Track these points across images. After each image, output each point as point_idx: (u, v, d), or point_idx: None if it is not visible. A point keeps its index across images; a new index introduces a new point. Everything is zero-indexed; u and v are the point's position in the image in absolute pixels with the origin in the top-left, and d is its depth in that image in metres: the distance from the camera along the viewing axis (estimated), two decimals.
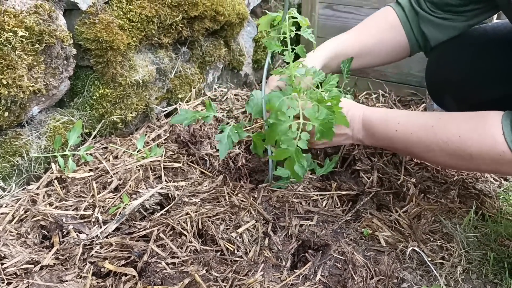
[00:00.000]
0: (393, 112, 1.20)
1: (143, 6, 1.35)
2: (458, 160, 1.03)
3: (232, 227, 1.07)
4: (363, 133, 1.19)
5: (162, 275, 0.94)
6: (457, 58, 1.35)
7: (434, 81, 1.44)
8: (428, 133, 1.05)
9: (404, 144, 1.11)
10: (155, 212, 1.13)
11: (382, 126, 1.14)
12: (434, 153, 1.06)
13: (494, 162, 0.97)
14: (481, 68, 1.29)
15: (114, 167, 1.26)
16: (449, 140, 1.01)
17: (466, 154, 1.00)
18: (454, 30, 1.32)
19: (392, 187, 1.29)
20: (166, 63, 1.51)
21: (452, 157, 1.03)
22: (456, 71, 1.35)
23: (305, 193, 1.20)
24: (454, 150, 1.01)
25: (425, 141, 1.06)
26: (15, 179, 1.18)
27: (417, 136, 1.07)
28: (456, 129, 1.01)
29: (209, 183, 1.26)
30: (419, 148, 1.08)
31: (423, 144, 1.07)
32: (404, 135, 1.10)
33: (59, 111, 1.30)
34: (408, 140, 1.10)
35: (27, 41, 1.09)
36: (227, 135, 1.15)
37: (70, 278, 0.93)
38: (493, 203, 1.29)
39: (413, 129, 1.08)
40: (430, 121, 1.07)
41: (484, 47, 1.32)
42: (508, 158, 0.94)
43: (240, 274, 0.96)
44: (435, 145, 1.04)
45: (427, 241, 1.11)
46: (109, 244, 1.01)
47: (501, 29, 1.32)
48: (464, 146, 0.99)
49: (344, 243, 1.05)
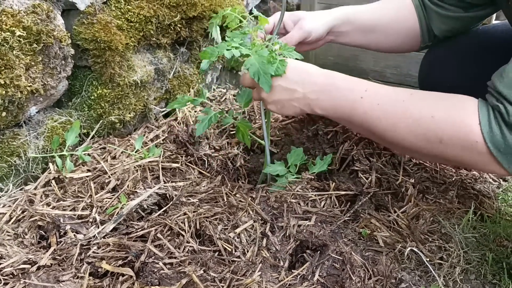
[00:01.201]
0: (360, 79, 1.05)
1: (142, 6, 1.35)
2: (425, 142, 0.95)
3: (230, 228, 1.07)
4: (318, 95, 1.04)
5: (159, 275, 0.94)
6: (449, 62, 1.35)
7: (426, 85, 1.44)
8: (397, 108, 0.96)
9: (366, 117, 0.99)
10: (153, 212, 1.13)
11: (345, 90, 1.02)
12: (398, 132, 0.97)
13: (463, 150, 0.92)
14: (472, 72, 1.29)
15: (112, 168, 1.26)
16: (420, 118, 0.93)
17: (435, 137, 0.93)
18: (456, 21, 1.28)
19: (391, 188, 1.29)
20: (165, 64, 1.51)
21: (419, 138, 0.95)
22: (448, 76, 1.34)
23: (303, 193, 1.19)
24: (423, 131, 0.94)
25: (392, 116, 0.96)
26: (13, 179, 1.18)
27: (384, 109, 0.97)
28: (429, 108, 0.94)
29: (207, 183, 1.26)
30: (383, 124, 0.97)
31: (389, 119, 0.97)
32: (369, 105, 0.98)
33: (57, 111, 1.29)
34: (372, 112, 0.98)
35: (25, 41, 1.09)
36: (208, 118, 1.16)
37: (67, 278, 0.93)
38: (492, 204, 1.28)
39: (381, 100, 0.98)
40: (402, 95, 0.98)
41: (475, 51, 1.31)
42: (480, 148, 0.89)
43: (238, 274, 0.96)
44: (403, 123, 0.95)
45: (425, 241, 1.11)
46: (107, 244, 1.01)
47: (492, 32, 1.32)
48: (437, 128, 0.92)
49: (342, 243, 1.04)
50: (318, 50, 2.13)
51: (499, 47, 1.25)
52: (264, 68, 1.01)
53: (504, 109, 0.87)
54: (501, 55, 1.25)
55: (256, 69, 1.01)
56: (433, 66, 1.39)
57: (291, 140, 1.49)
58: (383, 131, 0.99)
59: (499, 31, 1.31)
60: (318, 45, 1.38)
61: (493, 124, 0.88)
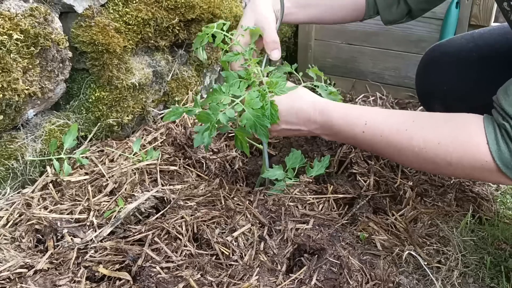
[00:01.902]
0: (357, 110, 1.04)
1: (140, 9, 1.35)
2: (434, 165, 0.96)
3: (227, 231, 1.07)
4: (322, 131, 1.07)
5: (156, 279, 0.93)
6: (445, 66, 1.34)
7: (422, 89, 1.44)
8: (402, 137, 0.96)
9: (372, 146, 1.02)
10: (150, 216, 1.13)
11: (345, 127, 1.03)
12: (406, 157, 0.98)
13: (473, 170, 0.92)
14: (468, 75, 1.29)
15: (109, 171, 1.25)
16: (426, 146, 0.93)
17: (444, 161, 0.93)
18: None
19: (389, 191, 1.29)
20: (163, 66, 1.51)
21: (428, 162, 0.95)
22: (444, 79, 1.34)
23: (301, 196, 1.19)
24: (431, 157, 0.94)
25: (397, 145, 0.97)
26: (10, 183, 1.17)
27: (388, 140, 0.98)
28: (434, 134, 0.93)
29: (205, 186, 1.26)
30: (390, 151, 0.99)
31: (394, 148, 0.98)
32: (372, 138, 0.99)
33: (54, 114, 1.29)
34: (377, 143, 1.00)
35: (22, 44, 1.08)
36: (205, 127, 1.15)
37: (63, 282, 0.93)
38: (490, 207, 1.28)
39: (383, 132, 0.98)
40: (403, 123, 0.97)
41: (471, 54, 1.31)
42: (490, 167, 0.89)
43: (235, 278, 0.96)
44: (409, 151, 0.96)
45: (423, 244, 1.10)
46: (104, 248, 1.00)
47: (488, 36, 1.32)
48: (444, 153, 0.92)
49: (340, 247, 1.04)
50: (316, 52, 2.14)
51: (495, 51, 1.25)
52: (260, 120, 1.03)
53: (510, 127, 0.87)
54: (497, 59, 1.25)
55: (252, 123, 1.03)
56: (429, 70, 1.39)
57: (290, 142, 1.49)
58: (390, 156, 1.03)
59: (495, 34, 1.31)
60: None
61: (501, 142, 0.87)
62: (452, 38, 1.41)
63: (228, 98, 1.04)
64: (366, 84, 2.07)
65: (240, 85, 1.07)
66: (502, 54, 1.26)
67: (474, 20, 1.81)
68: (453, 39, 1.39)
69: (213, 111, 1.03)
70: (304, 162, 1.29)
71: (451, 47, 1.35)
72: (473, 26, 1.80)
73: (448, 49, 1.36)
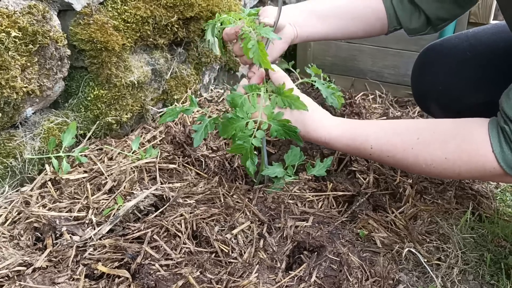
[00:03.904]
0: (361, 131, 1.05)
1: (138, 6, 1.35)
2: (443, 175, 1.01)
3: (227, 229, 1.07)
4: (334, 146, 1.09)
5: (155, 277, 0.93)
6: (440, 65, 1.34)
7: (418, 89, 1.43)
8: (408, 156, 0.98)
9: (381, 162, 1.10)
10: (150, 214, 1.12)
11: (353, 151, 1.07)
12: (415, 171, 1.04)
13: (482, 176, 0.96)
14: (463, 75, 1.29)
15: (108, 169, 1.25)
16: (434, 162, 0.96)
17: (453, 172, 0.96)
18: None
19: (389, 188, 1.28)
20: (162, 64, 1.51)
21: (436, 173, 0.99)
22: (439, 78, 1.34)
23: (300, 194, 1.19)
24: (439, 170, 0.97)
25: (405, 162, 1.00)
26: (9, 181, 1.17)
27: (395, 159, 1.00)
28: (441, 151, 0.95)
29: (205, 184, 1.25)
30: (399, 167, 1.08)
31: (402, 165, 1.01)
32: (379, 158, 1.03)
33: (53, 112, 1.29)
34: (385, 161, 1.05)
35: (21, 42, 1.08)
36: (204, 126, 1.15)
37: (62, 280, 0.92)
38: (490, 204, 1.28)
39: (390, 153, 1.00)
40: (408, 142, 0.98)
41: (465, 53, 1.31)
42: (498, 172, 0.92)
43: (235, 276, 0.95)
44: (416, 167, 0.99)
45: (423, 242, 1.10)
46: (103, 246, 1.00)
47: (482, 35, 1.32)
48: (452, 167, 0.95)
49: (339, 244, 1.04)
50: (316, 51, 2.14)
51: (490, 50, 1.25)
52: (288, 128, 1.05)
53: (510, 130, 0.88)
54: (492, 58, 1.25)
55: (283, 133, 1.05)
56: (424, 70, 1.39)
57: (289, 140, 1.48)
58: (400, 169, 1.10)
59: (489, 33, 1.30)
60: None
61: (504, 145, 0.89)
62: (447, 38, 1.40)
63: (251, 122, 1.06)
64: (365, 82, 2.07)
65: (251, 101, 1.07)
66: (497, 53, 1.26)
67: (474, 18, 1.81)
68: (447, 39, 1.38)
69: (244, 140, 1.05)
70: (303, 159, 1.29)
71: (446, 47, 1.35)
72: (472, 24, 1.80)
73: (443, 49, 1.35)
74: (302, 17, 1.21)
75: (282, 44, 1.18)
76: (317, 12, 1.23)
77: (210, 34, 1.13)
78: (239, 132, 1.06)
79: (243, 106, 1.07)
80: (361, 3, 1.25)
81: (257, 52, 1.01)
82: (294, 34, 1.20)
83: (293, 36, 1.20)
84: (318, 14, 1.23)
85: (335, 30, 1.26)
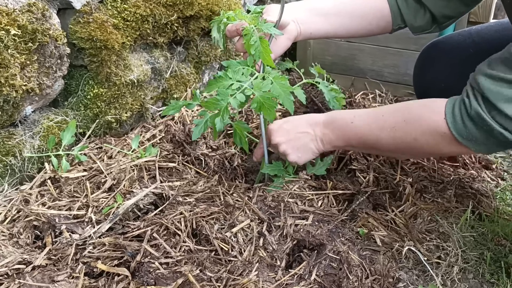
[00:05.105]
0: (354, 110, 1.22)
1: (138, 5, 1.34)
2: (404, 144, 1.08)
3: (226, 227, 1.06)
4: (324, 131, 1.17)
5: (155, 275, 0.93)
6: (442, 63, 1.34)
7: (420, 86, 1.43)
8: (379, 122, 1.10)
9: (358, 136, 1.14)
10: (149, 212, 1.12)
11: (340, 121, 1.17)
12: (383, 141, 1.10)
13: (436, 143, 1.04)
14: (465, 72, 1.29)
15: (108, 167, 1.25)
16: (396, 125, 1.07)
17: (411, 137, 1.05)
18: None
19: (388, 187, 1.28)
20: (161, 63, 1.50)
21: (398, 141, 1.08)
22: (441, 77, 1.33)
23: (300, 192, 1.19)
24: (400, 135, 1.07)
25: (375, 129, 1.10)
26: (8, 179, 1.17)
27: (370, 127, 1.11)
28: (402, 115, 1.08)
29: (204, 182, 1.25)
30: (371, 139, 1.12)
31: (374, 133, 1.11)
32: (357, 127, 1.13)
33: (53, 111, 1.29)
34: (361, 132, 1.13)
35: (20, 40, 1.08)
36: (204, 121, 1.14)
37: (62, 278, 0.92)
38: (490, 203, 1.28)
39: (366, 121, 1.13)
40: (382, 112, 1.12)
41: (468, 51, 1.30)
42: (448, 138, 1.01)
43: (234, 274, 0.95)
44: (383, 133, 1.09)
45: (423, 240, 1.10)
46: (102, 244, 1.00)
47: (485, 32, 1.32)
48: (410, 129, 1.05)
49: (339, 243, 1.04)
50: (316, 50, 2.14)
51: (493, 47, 1.25)
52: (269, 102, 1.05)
53: (469, 103, 0.97)
54: None
55: (261, 104, 1.04)
56: (426, 67, 1.39)
57: None
58: (373, 143, 1.13)
59: (493, 30, 1.30)
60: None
61: (457, 114, 0.99)
62: (449, 35, 1.40)
63: (236, 83, 1.05)
64: (365, 81, 2.07)
65: (243, 72, 1.07)
66: (500, 51, 1.26)
67: (473, 17, 1.81)
68: (450, 36, 1.38)
69: (222, 96, 1.04)
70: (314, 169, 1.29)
71: (448, 44, 1.35)
72: (472, 22, 1.80)
73: (445, 46, 1.35)
74: (306, 15, 1.21)
75: (285, 41, 1.18)
76: (321, 9, 1.23)
77: (216, 31, 1.13)
78: (221, 88, 1.05)
79: (236, 72, 1.07)
80: (365, 1, 1.25)
81: (259, 48, 1.01)
82: (297, 31, 1.20)
83: (296, 33, 1.20)
84: (321, 12, 1.23)
85: (339, 28, 1.26)
